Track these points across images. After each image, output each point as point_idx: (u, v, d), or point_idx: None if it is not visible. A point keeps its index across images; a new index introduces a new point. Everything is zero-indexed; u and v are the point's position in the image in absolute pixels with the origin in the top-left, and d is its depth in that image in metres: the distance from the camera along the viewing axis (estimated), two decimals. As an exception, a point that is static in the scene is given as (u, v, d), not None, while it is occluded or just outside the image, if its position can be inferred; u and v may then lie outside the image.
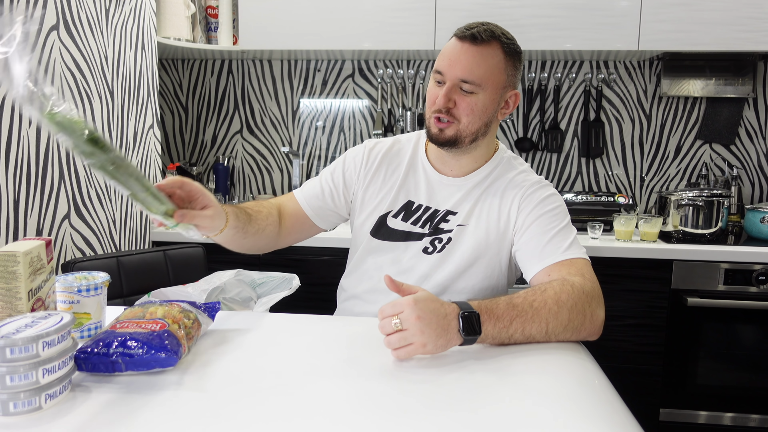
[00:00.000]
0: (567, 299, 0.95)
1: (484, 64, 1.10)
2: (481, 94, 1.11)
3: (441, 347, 0.84)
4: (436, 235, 1.21)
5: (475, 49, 1.10)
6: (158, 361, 0.76)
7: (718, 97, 2.33)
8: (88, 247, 1.69)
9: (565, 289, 0.97)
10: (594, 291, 1.01)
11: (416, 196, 1.24)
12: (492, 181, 1.22)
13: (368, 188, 1.27)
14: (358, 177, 1.28)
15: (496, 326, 0.88)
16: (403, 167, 1.26)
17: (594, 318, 0.98)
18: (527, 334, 0.91)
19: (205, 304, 0.96)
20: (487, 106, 1.13)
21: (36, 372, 0.66)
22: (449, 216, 1.21)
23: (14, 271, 0.77)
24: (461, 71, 1.10)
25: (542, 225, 1.13)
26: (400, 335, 0.82)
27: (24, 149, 1.42)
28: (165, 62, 2.57)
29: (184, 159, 2.63)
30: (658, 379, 1.93)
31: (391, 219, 1.24)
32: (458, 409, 0.69)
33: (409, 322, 0.81)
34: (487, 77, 1.11)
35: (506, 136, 2.47)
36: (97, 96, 1.72)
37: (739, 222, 2.26)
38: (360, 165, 1.29)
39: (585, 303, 0.97)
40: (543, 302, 0.93)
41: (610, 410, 0.72)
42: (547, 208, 1.16)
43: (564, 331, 0.94)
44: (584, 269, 1.07)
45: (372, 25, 2.14)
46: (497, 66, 1.12)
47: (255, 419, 0.66)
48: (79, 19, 1.62)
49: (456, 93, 1.11)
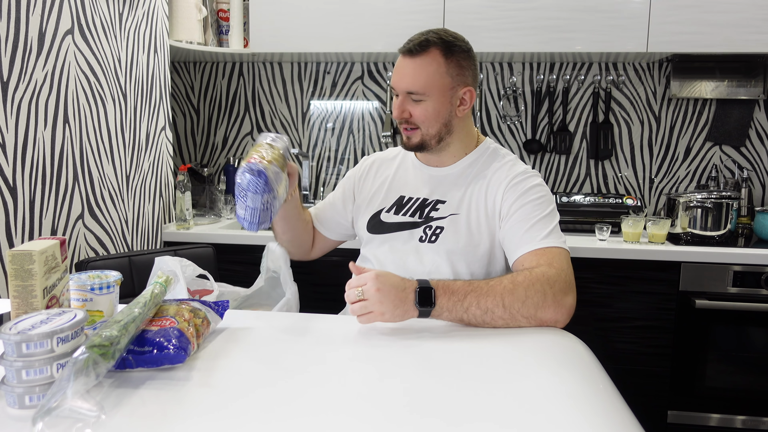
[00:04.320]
0: (523, 280, 1.02)
1: (423, 73, 1.19)
2: (429, 100, 1.20)
3: (398, 317, 0.96)
4: (427, 223, 1.27)
5: (413, 61, 1.19)
6: (168, 358, 0.78)
7: (729, 98, 2.31)
8: (101, 246, 1.72)
9: (523, 273, 1.04)
10: (557, 276, 1.05)
11: (406, 190, 1.33)
12: (479, 170, 1.28)
13: (362, 191, 1.40)
14: (359, 184, 1.42)
15: (451, 299, 0.97)
16: (394, 167, 1.38)
17: (558, 301, 1.01)
18: (484, 308, 0.97)
19: (214, 302, 0.98)
20: (439, 110, 1.21)
21: (51, 367, 0.68)
22: (439, 205, 1.28)
23: (30, 269, 0.79)
24: (405, 84, 1.20)
25: (525, 213, 1.19)
26: (361, 304, 0.95)
27: (39, 151, 1.45)
28: (177, 65, 2.61)
29: (196, 160, 2.66)
30: (666, 381, 1.93)
31: (384, 214, 1.33)
32: (459, 409, 0.70)
33: (370, 293, 0.94)
34: (429, 84, 1.19)
35: (515, 138, 2.48)
36: (111, 98, 1.75)
37: (749, 224, 2.25)
38: (359, 174, 1.44)
39: (544, 284, 1.02)
40: (498, 281, 1.01)
41: (610, 407, 0.72)
42: (531, 197, 1.20)
43: (524, 306, 0.99)
44: (555, 258, 1.10)
45: (381, 28, 2.16)
46: (437, 72, 1.19)
47: (262, 416, 0.68)
48: (94, 24, 1.66)
49: (408, 103, 1.21)
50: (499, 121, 2.47)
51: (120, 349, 0.73)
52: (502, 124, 2.48)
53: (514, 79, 2.43)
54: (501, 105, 2.46)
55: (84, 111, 1.63)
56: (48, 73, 1.47)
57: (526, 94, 2.46)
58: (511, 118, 2.47)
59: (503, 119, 2.47)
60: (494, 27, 2.11)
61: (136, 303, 0.83)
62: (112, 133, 1.76)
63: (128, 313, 0.79)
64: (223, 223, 2.27)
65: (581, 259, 1.87)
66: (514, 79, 2.43)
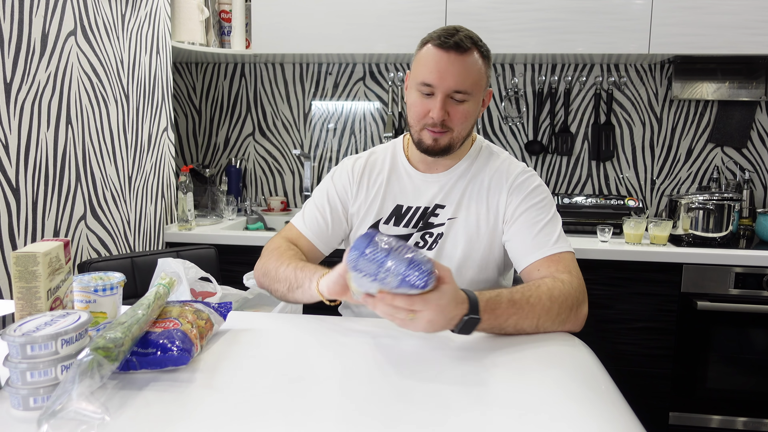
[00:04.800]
0: (559, 295, 0.99)
1: (473, 71, 1.12)
2: (471, 101, 1.14)
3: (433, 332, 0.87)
4: (426, 230, 1.23)
5: (462, 58, 1.11)
6: (171, 360, 0.78)
7: (730, 100, 2.32)
8: (104, 247, 1.73)
9: (557, 285, 1.01)
10: (581, 287, 1.06)
11: (403, 199, 1.26)
12: (476, 172, 1.24)
13: (355, 201, 1.29)
14: (347, 194, 1.30)
15: (491, 323, 0.92)
16: (385, 174, 1.28)
17: (578, 312, 1.02)
18: (519, 328, 0.96)
19: (217, 304, 0.98)
20: (474, 111, 1.16)
21: (55, 368, 0.68)
22: (438, 210, 1.24)
23: (34, 271, 0.79)
24: (454, 82, 1.11)
25: (530, 217, 1.17)
26: (403, 322, 0.84)
27: (42, 152, 1.45)
28: (179, 66, 2.61)
29: (197, 161, 2.66)
30: (667, 383, 1.93)
31: (382, 226, 1.26)
32: (459, 409, 0.70)
33: (422, 322, 0.83)
34: (475, 84, 1.13)
35: (516, 139, 2.48)
36: (113, 99, 1.75)
37: (751, 226, 2.25)
38: (347, 182, 1.30)
39: (573, 299, 1.01)
40: (538, 298, 0.97)
41: (612, 409, 0.73)
42: (535, 200, 1.19)
43: (553, 323, 0.98)
44: (571, 264, 1.11)
45: (383, 29, 2.16)
46: (480, 71, 1.14)
47: (266, 417, 0.68)
48: (96, 25, 1.66)
49: (448, 103, 1.13)
50: (501, 122, 2.48)
51: (124, 351, 0.73)
52: (504, 126, 2.48)
53: (516, 80, 2.43)
54: (503, 106, 2.47)
55: (86, 112, 1.63)
56: (51, 75, 1.48)
57: (527, 96, 2.46)
58: (512, 119, 2.47)
59: (505, 120, 2.47)
60: (496, 28, 2.11)
61: (140, 305, 0.83)
62: (115, 134, 1.77)
63: (132, 314, 0.79)
64: (224, 223, 2.27)
65: (583, 261, 1.86)
66: (516, 80, 2.43)
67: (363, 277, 0.81)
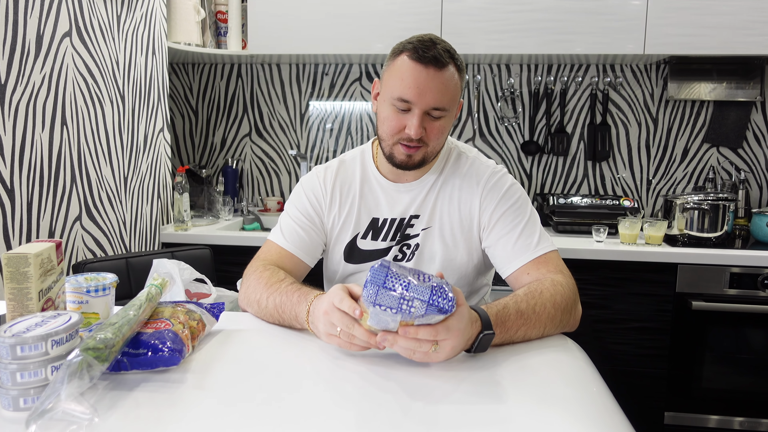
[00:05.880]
0: (561, 301, 0.99)
1: (450, 87, 1.08)
2: (447, 116, 1.10)
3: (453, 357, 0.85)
4: (404, 242, 1.21)
5: (441, 74, 1.06)
6: (162, 360, 0.78)
7: (726, 100, 2.32)
8: (99, 248, 1.73)
9: (558, 290, 1.01)
10: (574, 286, 1.06)
11: (378, 212, 1.22)
12: (446, 178, 1.21)
13: (330, 214, 1.24)
14: (321, 205, 1.24)
15: (501, 336, 0.91)
16: (357, 186, 1.23)
17: (575, 313, 1.04)
18: (526, 338, 0.95)
19: (210, 304, 0.98)
20: (450, 125, 1.13)
21: (45, 369, 0.68)
22: (413, 220, 1.21)
23: (25, 272, 0.79)
24: (433, 100, 1.06)
25: (509, 221, 1.15)
26: (425, 355, 0.81)
27: (37, 153, 1.45)
28: (175, 66, 2.61)
29: (194, 162, 2.66)
30: (663, 383, 1.93)
31: (360, 241, 1.23)
32: (454, 412, 0.70)
33: (445, 350, 0.80)
34: (453, 100, 1.09)
35: (512, 140, 2.48)
36: (109, 100, 1.76)
37: (746, 226, 2.25)
38: (320, 193, 1.24)
39: (571, 301, 1.02)
40: (543, 306, 0.97)
41: (603, 410, 0.73)
42: (510, 202, 1.16)
43: (555, 330, 0.99)
44: (559, 263, 1.11)
45: (379, 29, 2.17)
46: (456, 86, 1.10)
47: (257, 418, 0.68)
48: (92, 26, 1.66)
49: (425, 120, 1.09)
50: (497, 122, 2.48)
51: (115, 352, 0.73)
52: (500, 126, 2.48)
53: (512, 80, 2.43)
54: (499, 107, 2.47)
55: (82, 113, 1.63)
56: (46, 76, 1.48)
57: (523, 96, 2.46)
58: (508, 119, 2.47)
59: (501, 121, 2.47)
60: (492, 29, 2.12)
61: (132, 305, 0.83)
62: (110, 135, 1.77)
63: (123, 315, 0.79)
64: (221, 224, 2.27)
65: (578, 261, 1.87)
66: (512, 80, 2.43)
67: (384, 311, 0.76)
